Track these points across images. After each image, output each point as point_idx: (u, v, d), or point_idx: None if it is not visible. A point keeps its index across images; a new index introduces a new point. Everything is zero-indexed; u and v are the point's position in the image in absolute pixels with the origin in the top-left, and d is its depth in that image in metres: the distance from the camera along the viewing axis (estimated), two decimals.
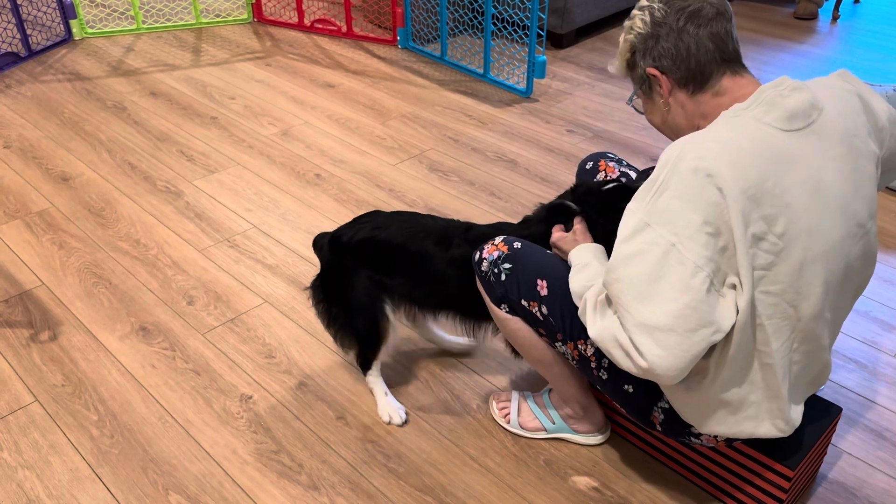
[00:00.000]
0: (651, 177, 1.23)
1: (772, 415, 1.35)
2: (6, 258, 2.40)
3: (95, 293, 2.25)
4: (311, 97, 3.46)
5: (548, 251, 1.58)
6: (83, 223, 2.57)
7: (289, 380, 1.96)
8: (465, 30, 4.16)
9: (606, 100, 3.49)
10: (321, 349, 2.06)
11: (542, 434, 1.79)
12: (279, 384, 1.95)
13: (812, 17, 4.51)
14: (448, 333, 2.03)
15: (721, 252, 1.18)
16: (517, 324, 1.58)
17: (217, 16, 4.32)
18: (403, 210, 1.79)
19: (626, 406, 1.52)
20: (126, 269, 2.35)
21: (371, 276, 1.74)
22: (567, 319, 1.49)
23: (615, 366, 1.46)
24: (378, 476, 1.72)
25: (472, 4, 3.79)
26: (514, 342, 1.63)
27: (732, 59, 1.33)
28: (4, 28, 4.07)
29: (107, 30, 4.09)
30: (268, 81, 3.60)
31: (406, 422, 1.84)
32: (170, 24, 4.18)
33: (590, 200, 1.64)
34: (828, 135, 1.27)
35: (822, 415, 1.60)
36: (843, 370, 2.01)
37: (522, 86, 3.53)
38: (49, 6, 4.39)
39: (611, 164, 1.83)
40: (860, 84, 1.37)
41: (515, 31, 3.89)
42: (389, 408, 1.84)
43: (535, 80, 3.62)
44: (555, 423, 1.77)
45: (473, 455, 1.77)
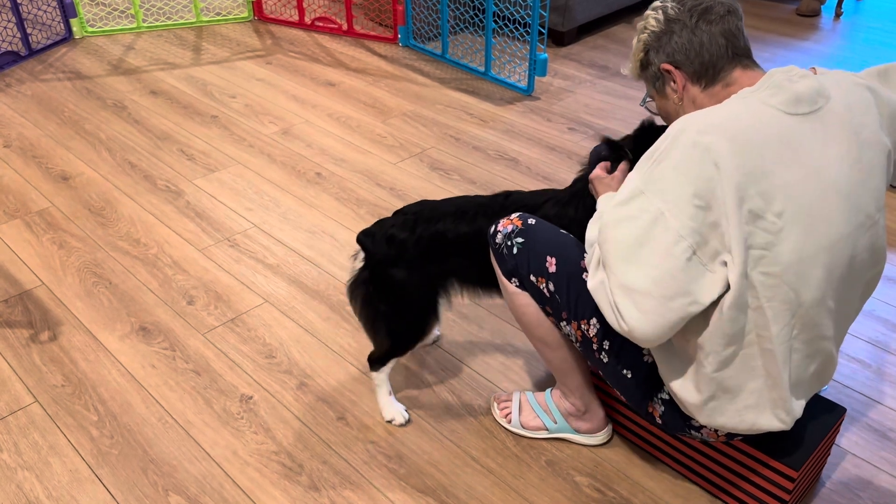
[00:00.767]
0: (653, 146, 1.28)
1: (773, 404, 1.35)
2: (6, 258, 2.39)
3: (95, 293, 2.25)
4: (312, 96, 3.45)
5: (562, 231, 1.59)
6: (83, 222, 2.56)
7: (289, 380, 1.96)
8: (467, 28, 4.15)
9: (608, 97, 3.47)
10: (322, 349, 2.05)
11: (544, 434, 1.78)
12: (280, 384, 1.94)
13: (815, 14, 4.49)
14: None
15: (711, 227, 1.21)
16: (525, 299, 1.59)
17: (217, 14, 4.32)
18: (444, 198, 1.78)
19: (627, 395, 1.53)
20: (126, 269, 2.34)
21: (430, 269, 1.71)
22: (573, 298, 1.51)
23: (616, 349, 1.49)
24: (379, 477, 1.71)
25: (473, 2, 3.78)
26: (521, 319, 1.63)
27: (744, 55, 1.38)
28: (4, 27, 4.06)
29: (107, 28, 4.09)
30: (268, 80, 3.60)
31: (408, 422, 1.84)
32: (170, 23, 4.17)
33: (642, 145, 1.56)
34: (833, 122, 1.29)
35: (827, 415, 1.59)
36: (848, 370, 2.00)
37: (524, 84, 3.52)
38: (49, 5, 4.38)
39: None
40: (871, 79, 1.38)
41: (517, 29, 3.88)
42: (393, 408, 1.83)
43: (537, 78, 3.61)
44: (557, 423, 1.76)
45: (475, 456, 1.76)
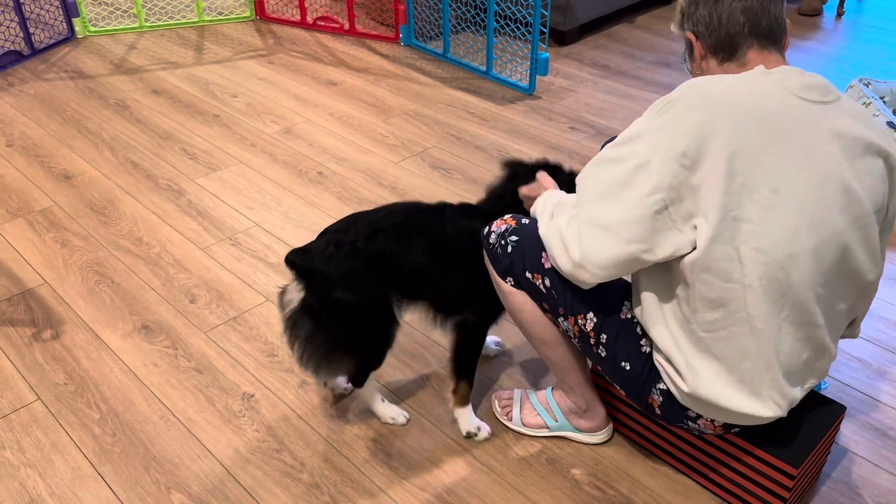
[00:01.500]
0: (665, 96, 1.33)
1: (769, 384, 1.35)
2: (9, 256, 2.40)
3: (98, 291, 2.25)
4: (314, 95, 3.45)
5: None
6: (85, 221, 2.57)
7: (291, 378, 1.96)
8: (468, 27, 4.15)
9: (610, 97, 3.47)
10: None
11: (545, 432, 1.79)
12: (281, 383, 1.95)
13: (816, 14, 4.48)
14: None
15: (691, 189, 1.26)
16: (522, 297, 1.60)
17: (219, 13, 4.32)
18: (365, 210, 1.69)
19: (626, 387, 1.54)
20: (128, 268, 2.35)
21: (377, 282, 1.62)
22: (569, 293, 1.52)
23: (612, 341, 1.51)
24: (380, 474, 1.71)
25: (475, 1, 3.78)
26: (519, 318, 1.63)
27: (763, 35, 1.39)
28: (7, 26, 4.07)
29: (109, 28, 4.10)
30: (270, 79, 3.60)
31: (409, 420, 1.84)
32: (172, 22, 4.18)
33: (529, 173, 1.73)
34: (839, 118, 1.31)
35: (826, 413, 1.59)
36: (848, 368, 2.00)
37: (525, 83, 3.53)
38: (52, 4, 4.39)
39: None
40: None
41: (518, 28, 3.88)
42: (390, 411, 1.83)
43: (538, 78, 3.61)
44: (557, 421, 1.77)
45: (476, 454, 1.76)
